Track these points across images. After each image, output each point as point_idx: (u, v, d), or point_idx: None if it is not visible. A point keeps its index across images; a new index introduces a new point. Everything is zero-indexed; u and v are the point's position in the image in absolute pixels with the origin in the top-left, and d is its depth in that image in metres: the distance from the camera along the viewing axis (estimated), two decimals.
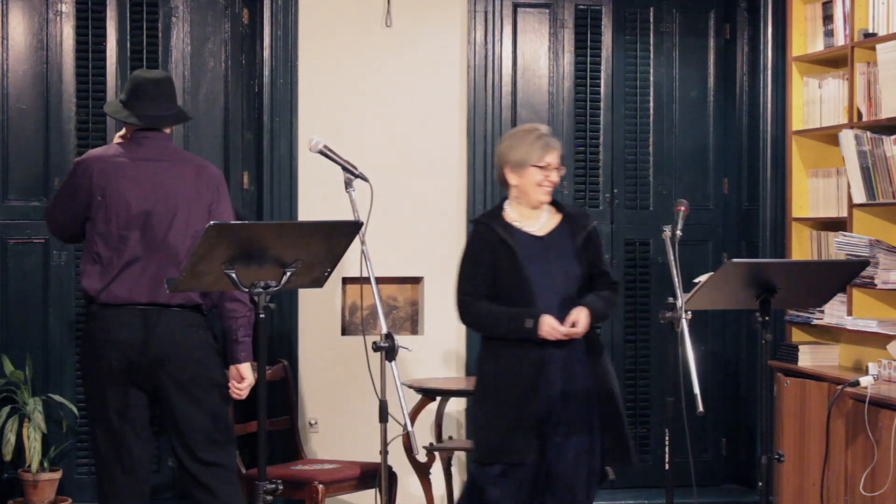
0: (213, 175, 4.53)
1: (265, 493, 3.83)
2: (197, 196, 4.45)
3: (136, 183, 4.39)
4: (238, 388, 4.55)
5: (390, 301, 6.25)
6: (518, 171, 4.53)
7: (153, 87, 4.49)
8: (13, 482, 5.77)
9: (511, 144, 4.57)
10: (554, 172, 4.53)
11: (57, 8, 5.94)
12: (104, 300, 4.35)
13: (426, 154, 6.23)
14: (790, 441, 5.60)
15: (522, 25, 6.40)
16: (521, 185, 4.54)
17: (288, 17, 6.06)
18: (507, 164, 4.55)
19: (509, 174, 4.55)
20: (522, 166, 4.52)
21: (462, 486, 4.75)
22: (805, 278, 4.34)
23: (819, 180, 5.99)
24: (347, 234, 3.93)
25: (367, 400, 5.86)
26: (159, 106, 4.48)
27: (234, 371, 4.54)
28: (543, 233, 4.55)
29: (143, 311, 4.35)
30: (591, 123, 6.48)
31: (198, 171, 4.50)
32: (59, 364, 5.94)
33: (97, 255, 4.37)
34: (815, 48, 6.01)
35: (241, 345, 4.49)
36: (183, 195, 4.42)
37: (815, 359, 5.80)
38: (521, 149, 4.52)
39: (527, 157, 4.51)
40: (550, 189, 4.54)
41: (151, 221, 4.36)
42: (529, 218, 4.57)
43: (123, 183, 4.38)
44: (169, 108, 4.51)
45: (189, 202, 4.42)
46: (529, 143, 4.52)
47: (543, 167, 4.51)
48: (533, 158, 4.51)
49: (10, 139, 5.93)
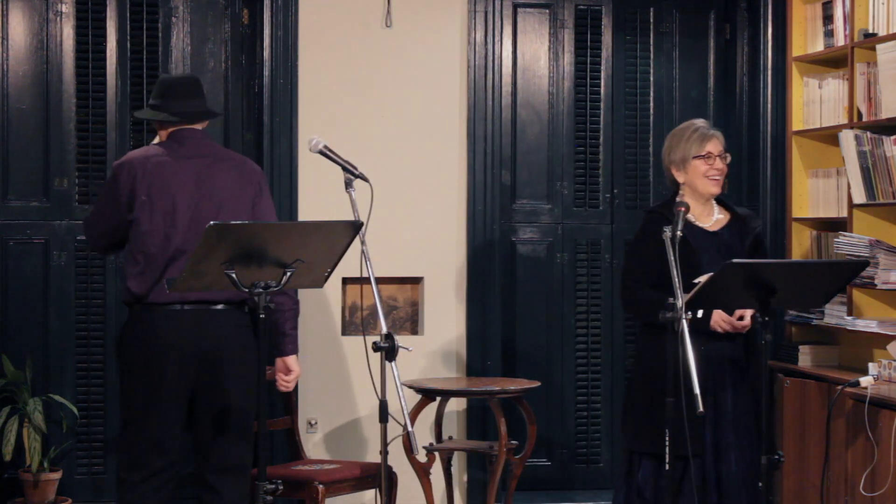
0: (254, 171, 4.58)
1: (265, 493, 3.83)
2: (240, 192, 4.47)
3: (180, 180, 4.39)
4: (286, 381, 4.64)
5: (390, 301, 6.25)
6: (683, 168, 4.68)
7: (182, 85, 4.54)
8: (13, 482, 5.77)
9: (671, 145, 4.74)
10: (717, 160, 4.66)
11: (57, 8, 5.94)
12: (152, 300, 4.34)
13: (426, 154, 6.23)
14: (790, 441, 5.60)
15: (522, 25, 6.40)
16: (689, 181, 4.68)
17: (288, 17, 6.06)
18: (672, 165, 4.71)
19: (676, 173, 4.70)
20: (685, 161, 4.67)
21: (618, 477, 4.80)
22: (805, 278, 4.34)
23: (819, 180, 5.99)
24: (347, 234, 3.93)
25: (367, 400, 5.89)
26: (191, 103, 4.51)
27: (280, 364, 4.62)
28: (715, 229, 4.68)
29: (194, 311, 4.34)
30: (591, 123, 6.48)
31: (240, 166, 4.53)
32: (59, 364, 5.94)
33: (143, 254, 4.36)
34: (815, 48, 6.02)
35: (289, 337, 4.58)
36: (227, 191, 4.44)
37: (815, 359, 5.80)
38: (680, 145, 4.69)
39: (687, 151, 4.67)
40: (719, 178, 4.67)
41: (198, 217, 4.35)
42: (702, 214, 4.70)
43: (169, 181, 4.38)
44: (200, 104, 4.54)
45: (234, 198, 4.44)
46: (686, 137, 4.69)
47: (705, 156, 4.64)
48: (693, 150, 4.66)
49: (10, 139, 5.93)
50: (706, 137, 4.67)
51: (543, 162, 6.43)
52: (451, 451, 5.88)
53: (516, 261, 6.41)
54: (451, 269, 6.25)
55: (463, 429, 6.21)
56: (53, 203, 5.96)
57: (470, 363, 6.21)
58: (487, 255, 6.22)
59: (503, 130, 6.32)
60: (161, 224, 4.35)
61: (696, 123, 4.75)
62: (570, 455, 6.45)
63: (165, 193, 4.37)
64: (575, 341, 6.46)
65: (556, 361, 6.43)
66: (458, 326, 6.24)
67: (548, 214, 6.44)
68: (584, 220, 6.48)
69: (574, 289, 6.46)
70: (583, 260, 6.47)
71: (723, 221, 4.73)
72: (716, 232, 4.68)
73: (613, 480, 6.39)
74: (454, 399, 6.01)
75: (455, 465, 5.99)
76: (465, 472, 6.20)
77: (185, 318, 4.33)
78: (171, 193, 4.37)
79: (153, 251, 4.35)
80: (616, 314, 6.48)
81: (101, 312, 5.97)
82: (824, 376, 5.49)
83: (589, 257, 6.48)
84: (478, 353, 6.21)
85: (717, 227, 4.70)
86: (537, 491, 6.35)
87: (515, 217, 6.41)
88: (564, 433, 6.44)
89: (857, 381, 5.03)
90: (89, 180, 5.98)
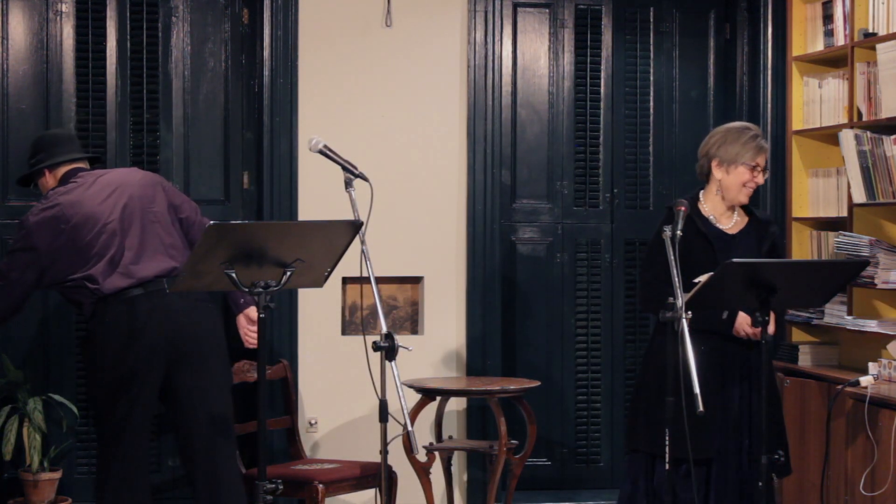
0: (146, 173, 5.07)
1: (265, 493, 3.83)
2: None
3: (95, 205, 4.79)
4: (251, 332, 4.83)
5: (390, 301, 6.25)
6: (727, 167, 4.63)
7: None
8: (13, 482, 5.77)
9: (724, 140, 4.65)
10: (760, 174, 4.63)
11: (57, 8, 5.94)
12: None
13: (426, 154, 6.23)
14: (790, 441, 5.59)
15: (522, 25, 6.40)
16: (726, 182, 4.63)
17: (288, 17, 6.06)
18: (717, 159, 4.64)
19: (716, 168, 4.64)
20: (733, 163, 4.62)
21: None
22: (805, 278, 4.34)
23: (819, 180, 5.99)
24: (347, 234, 3.94)
25: (367, 400, 5.89)
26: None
27: (242, 319, 4.85)
28: (734, 231, 4.66)
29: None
30: (591, 123, 6.48)
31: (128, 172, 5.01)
32: (59, 364, 5.93)
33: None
34: (815, 48, 6.02)
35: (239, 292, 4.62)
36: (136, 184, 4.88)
37: (815, 359, 5.81)
38: (735, 146, 4.62)
39: (740, 156, 4.61)
40: (753, 191, 4.64)
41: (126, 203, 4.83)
42: (723, 215, 4.68)
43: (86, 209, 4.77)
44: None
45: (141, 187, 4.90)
46: (744, 142, 4.62)
47: (753, 167, 4.59)
48: (746, 157, 4.61)
49: (10, 139, 5.93)
50: (761, 150, 4.63)
51: (543, 161, 6.43)
52: (451, 450, 5.88)
53: (516, 260, 6.41)
54: (451, 268, 6.25)
55: (463, 428, 6.21)
56: None
57: (470, 363, 6.21)
58: (487, 255, 6.23)
59: (503, 130, 6.32)
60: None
61: (754, 130, 4.69)
62: (570, 455, 6.45)
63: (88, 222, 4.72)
64: (575, 341, 6.46)
65: (556, 361, 6.43)
66: (458, 326, 6.24)
67: (548, 214, 6.44)
68: (583, 220, 6.48)
69: (574, 288, 6.46)
70: (583, 260, 6.47)
71: (741, 224, 4.71)
72: (734, 234, 4.67)
73: (613, 480, 6.40)
74: (454, 399, 6.01)
75: (455, 464, 5.99)
76: (465, 472, 6.20)
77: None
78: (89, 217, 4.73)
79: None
80: (616, 314, 6.48)
81: None
82: (824, 376, 5.49)
83: (589, 257, 6.48)
84: (478, 352, 6.21)
85: (735, 229, 4.69)
86: (537, 491, 6.35)
87: (515, 217, 6.41)
88: (564, 433, 6.44)
89: (857, 380, 5.04)
90: None
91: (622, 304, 6.47)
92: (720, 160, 4.64)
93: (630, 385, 6.43)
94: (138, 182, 4.84)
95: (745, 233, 4.68)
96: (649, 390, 4.64)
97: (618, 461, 6.44)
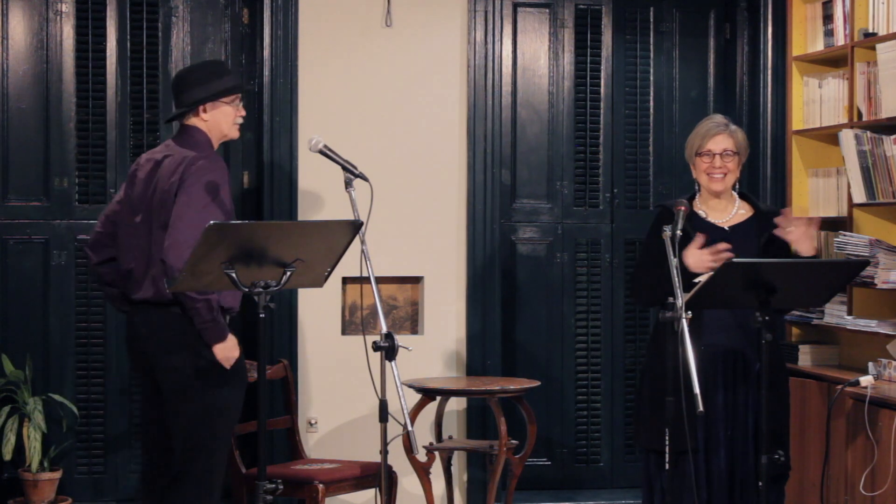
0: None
1: (265, 493, 3.83)
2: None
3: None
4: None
5: (390, 301, 6.25)
6: (692, 164, 4.70)
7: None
8: (13, 482, 5.77)
9: (687, 141, 4.73)
10: (717, 158, 4.61)
11: (57, 8, 5.94)
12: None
13: (426, 154, 6.23)
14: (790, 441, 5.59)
15: (522, 25, 6.40)
16: (696, 176, 4.69)
17: (288, 17, 6.06)
18: (689, 160, 4.72)
19: (692, 169, 4.72)
20: (691, 158, 4.69)
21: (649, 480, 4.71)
22: (805, 278, 4.34)
23: (819, 180, 5.99)
24: (347, 234, 3.93)
25: (367, 400, 5.88)
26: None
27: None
28: (729, 224, 4.65)
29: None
30: (591, 123, 6.48)
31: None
32: (59, 364, 5.94)
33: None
34: (815, 48, 6.02)
35: (203, 331, 4.36)
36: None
37: (815, 358, 5.80)
38: (694, 139, 4.69)
39: (692, 148, 4.68)
40: (720, 176, 4.62)
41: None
42: (716, 209, 4.68)
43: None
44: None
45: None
46: (695, 133, 4.69)
47: (705, 153, 4.62)
48: (695, 147, 4.66)
49: (10, 139, 5.93)
50: (709, 135, 4.64)
51: (543, 161, 6.43)
52: (451, 450, 5.88)
53: (516, 260, 6.41)
54: (451, 268, 6.25)
55: (463, 428, 6.21)
56: (53, 203, 5.96)
57: (470, 363, 6.21)
58: (487, 255, 6.23)
59: (503, 130, 6.32)
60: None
61: (709, 121, 4.72)
62: (570, 455, 6.45)
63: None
64: (575, 341, 6.46)
65: (556, 361, 6.43)
66: (458, 326, 6.24)
67: (548, 214, 6.44)
68: (583, 220, 6.48)
69: (574, 288, 6.46)
70: (583, 259, 6.47)
71: (742, 217, 4.68)
72: (728, 227, 4.64)
73: (613, 480, 6.41)
74: (454, 399, 6.01)
75: (455, 464, 5.99)
76: (465, 472, 6.20)
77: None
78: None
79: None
80: (616, 314, 6.48)
81: (101, 312, 5.96)
82: (824, 376, 5.49)
83: (589, 257, 6.48)
84: (478, 352, 6.21)
85: (733, 222, 4.66)
86: (537, 490, 6.35)
87: (515, 216, 6.42)
88: (564, 433, 6.44)
89: (857, 380, 5.04)
90: (89, 180, 5.98)
91: (622, 304, 6.47)
92: (688, 156, 4.71)
93: (630, 385, 6.44)
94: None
95: (744, 226, 4.64)
96: (653, 388, 4.64)
97: (618, 461, 6.45)
